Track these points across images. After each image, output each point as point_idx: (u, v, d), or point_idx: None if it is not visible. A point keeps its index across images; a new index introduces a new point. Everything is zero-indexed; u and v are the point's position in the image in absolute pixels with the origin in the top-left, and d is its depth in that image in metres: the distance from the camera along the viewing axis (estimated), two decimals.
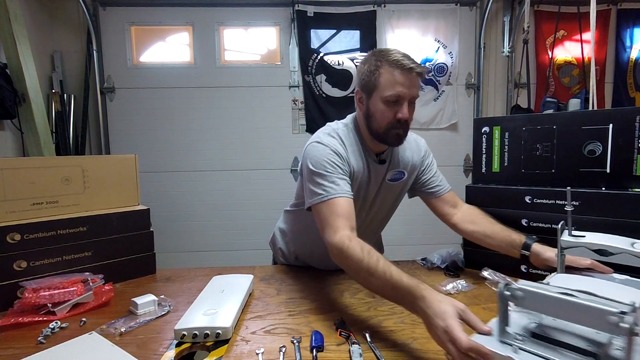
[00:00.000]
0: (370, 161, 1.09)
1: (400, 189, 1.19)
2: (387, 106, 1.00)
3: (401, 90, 0.97)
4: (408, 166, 1.17)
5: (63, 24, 2.99)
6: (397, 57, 0.98)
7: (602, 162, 1.08)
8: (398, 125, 1.00)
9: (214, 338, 0.79)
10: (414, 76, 0.98)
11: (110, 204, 1.26)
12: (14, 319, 0.89)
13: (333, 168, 0.99)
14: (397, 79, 0.97)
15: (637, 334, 0.48)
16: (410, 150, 1.19)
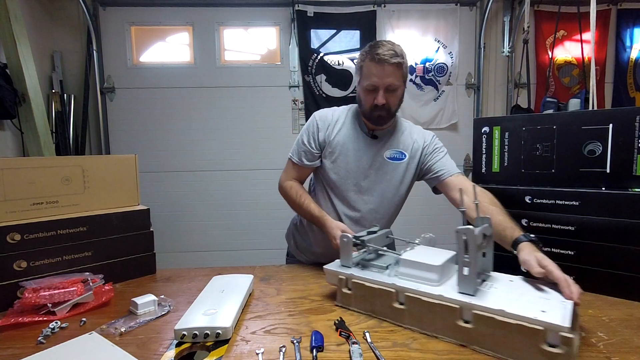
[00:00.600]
0: (361, 134, 1.27)
1: (403, 170, 1.27)
2: (367, 93, 1.18)
3: (375, 80, 1.14)
4: (409, 149, 1.27)
5: (63, 24, 2.99)
6: (376, 50, 1.13)
7: (602, 162, 1.08)
8: (377, 109, 1.17)
9: (213, 338, 0.79)
10: (388, 67, 1.12)
11: (110, 204, 1.26)
12: (14, 319, 0.89)
13: (306, 139, 1.28)
14: (372, 71, 1.14)
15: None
16: (412, 135, 1.29)
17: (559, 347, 0.66)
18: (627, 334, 0.82)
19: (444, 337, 0.79)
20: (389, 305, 0.86)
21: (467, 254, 0.77)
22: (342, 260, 1.00)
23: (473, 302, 0.75)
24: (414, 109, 3.18)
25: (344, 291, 0.96)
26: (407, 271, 0.88)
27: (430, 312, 0.80)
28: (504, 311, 0.71)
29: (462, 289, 0.80)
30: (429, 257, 0.88)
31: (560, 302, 0.75)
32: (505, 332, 0.70)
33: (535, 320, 0.68)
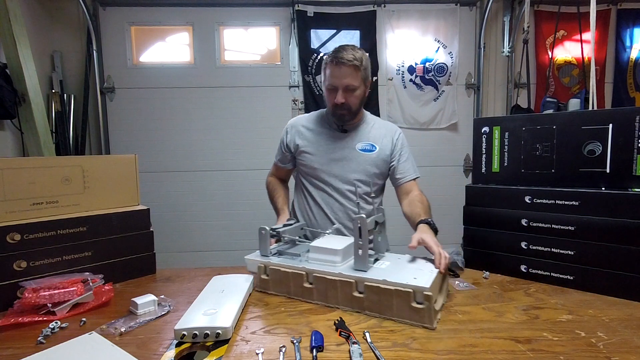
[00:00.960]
0: (330, 130, 1.41)
1: (374, 160, 1.37)
2: (329, 93, 1.31)
3: (334, 80, 1.27)
4: (378, 142, 1.39)
5: (63, 24, 2.99)
6: (337, 54, 1.25)
7: (602, 162, 1.08)
8: (338, 107, 1.29)
9: (213, 338, 0.79)
10: (346, 69, 1.24)
11: (110, 204, 1.26)
12: (14, 319, 0.89)
13: (279, 144, 1.48)
14: (331, 72, 1.27)
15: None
16: (381, 130, 1.42)
17: (422, 303, 0.86)
18: (627, 334, 0.82)
19: (344, 307, 0.97)
20: (301, 286, 1.02)
21: (361, 238, 0.96)
22: (261, 251, 1.12)
23: (365, 276, 0.94)
24: (414, 109, 3.18)
25: (262, 277, 1.07)
26: (316, 256, 1.04)
27: (333, 288, 0.97)
28: (386, 280, 0.91)
29: (357, 266, 0.98)
30: (334, 244, 1.05)
31: (429, 272, 0.95)
32: (387, 296, 0.90)
33: (406, 285, 0.88)
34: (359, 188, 1.36)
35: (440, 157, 3.23)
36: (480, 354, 0.75)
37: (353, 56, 1.23)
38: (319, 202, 1.39)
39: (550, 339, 0.80)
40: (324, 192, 1.39)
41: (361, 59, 1.25)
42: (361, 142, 1.38)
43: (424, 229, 1.14)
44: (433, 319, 0.86)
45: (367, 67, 1.31)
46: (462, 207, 1.30)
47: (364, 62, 1.27)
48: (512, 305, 0.98)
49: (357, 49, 1.28)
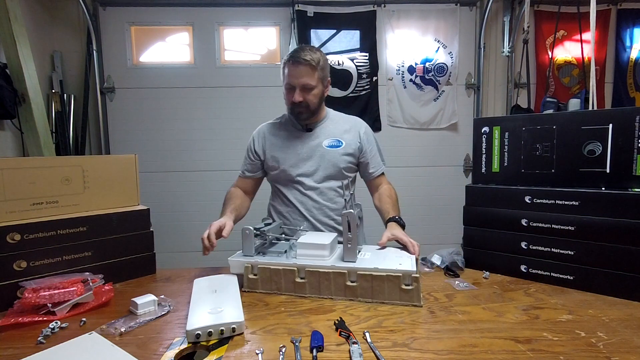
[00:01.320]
0: (295, 130, 1.43)
1: (342, 156, 1.40)
2: (287, 92, 1.34)
3: (291, 79, 1.29)
4: (344, 137, 1.42)
5: (63, 24, 2.99)
6: (294, 53, 1.29)
7: (602, 162, 1.08)
8: (296, 106, 1.32)
9: (230, 333, 0.81)
10: (303, 68, 1.27)
11: (110, 204, 1.26)
12: (14, 319, 0.89)
13: (246, 155, 1.49)
14: (289, 71, 1.30)
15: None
16: (345, 125, 1.45)
17: (410, 285, 0.98)
18: (627, 334, 0.82)
19: (337, 297, 1.03)
20: (292, 281, 1.05)
21: (350, 232, 1.04)
22: (245, 251, 1.14)
23: (356, 266, 1.03)
24: (414, 109, 3.18)
25: (250, 277, 1.08)
26: (304, 252, 1.08)
27: (326, 280, 1.03)
28: (377, 268, 1.01)
29: (347, 258, 1.06)
30: (319, 239, 1.11)
31: (408, 258, 1.09)
32: (379, 282, 1.00)
33: (396, 270, 0.99)
34: (344, 182, 1.35)
35: (440, 157, 3.23)
36: (480, 354, 0.75)
37: (310, 56, 1.27)
38: (292, 202, 1.41)
39: (550, 339, 0.80)
40: (297, 191, 1.41)
41: (318, 60, 1.29)
42: (328, 139, 1.41)
43: (392, 225, 1.28)
44: (420, 297, 0.99)
45: (325, 67, 1.35)
46: (462, 207, 1.30)
47: (321, 62, 1.31)
48: (512, 305, 0.98)
49: (315, 50, 1.32)
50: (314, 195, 1.40)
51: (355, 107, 3.13)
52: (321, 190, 1.40)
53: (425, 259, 1.33)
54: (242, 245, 1.13)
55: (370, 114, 3.16)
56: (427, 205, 3.20)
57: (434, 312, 0.94)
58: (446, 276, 1.22)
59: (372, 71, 3.13)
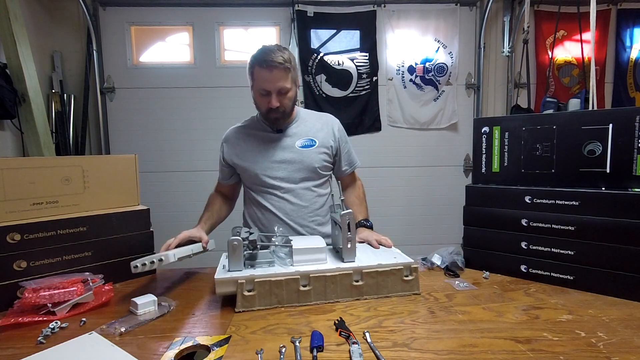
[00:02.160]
0: (264, 133, 1.37)
1: (317, 155, 1.36)
2: (261, 97, 1.26)
3: (267, 85, 1.23)
4: (317, 135, 1.38)
5: (63, 24, 2.99)
6: (265, 57, 1.22)
7: (602, 162, 1.08)
8: (272, 111, 1.26)
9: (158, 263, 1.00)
10: (278, 72, 1.21)
11: (110, 204, 1.26)
12: (14, 319, 0.89)
13: (219, 159, 1.43)
14: (262, 76, 1.22)
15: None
16: (317, 123, 1.41)
17: (410, 275, 1.05)
18: (627, 334, 0.82)
19: (343, 298, 1.02)
20: (295, 291, 1.00)
21: (350, 232, 1.04)
22: (233, 266, 1.01)
23: (361, 264, 1.04)
24: (414, 109, 3.18)
25: (245, 294, 0.97)
26: (301, 257, 1.04)
27: (332, 283, 1.01)
28: (381, 264, 1.04)
29: (347, 258, 1.06)
30: (312, 243, 1.09)
31: (393, 250, 1.17)
32: (384, 277, 1.03)
33: (397, 264, 1.04)
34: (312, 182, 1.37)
35: (440, 157, 3.23)
36: (480, 354, 0.75)
37: (282, 58, 1.21)
38: (268, 208, 1.35)
39: (550, 339, 0.80)
40: (272, 195, 1.35)
41: (289, 59, 1.24)
42: (300, 139, 1.36)
43: (360, 230, 1.34)
44: (419, 286, 1.06)
45: (296, 66, 1.30)
46: (462, 207, 1.30)
47: (293, 61, 1.27)
48: (512, 305, 0.98)
49: (284, 49, 1.26)
50: (291, 198, 1.34)
51: (355, 107, 3.14)
52: (297, 192, 1.34)
53: (426, 259, 1.33)
54: (229, 260, 1.01)
55: (370, 114, 3.16)
56: (427, 205, 3.20)
57: (434, 312, 0.94)
58: (446, 276, 1.22)
59: (372, 71, 3.13)
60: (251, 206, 1.43)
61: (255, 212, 1.40)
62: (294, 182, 1.35)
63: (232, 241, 1.00)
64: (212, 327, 0.88)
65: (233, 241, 1.00)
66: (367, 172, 3.20)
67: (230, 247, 1.00)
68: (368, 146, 3.16)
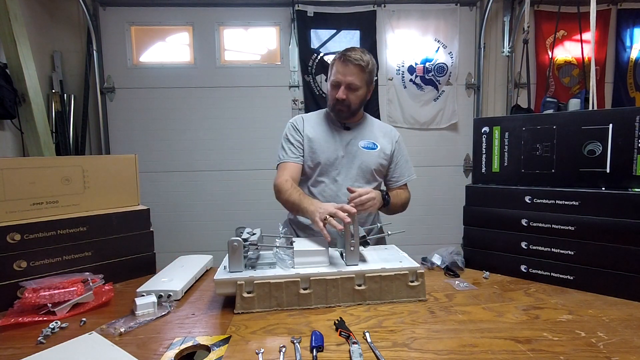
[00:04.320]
0: (334, 127, 1.44)
1: (376, 158, 1.41)
2: (332, 89, 1.35)
3: (339, 77, 1.31)
4: (379, 141, 1.44)
5: (63, 24, 2.99)
6: (346, 52, 1.31)
7: (602, 162, 1.08)
8: (338, 103, 1.33)
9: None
10: (352, 67, 1.29)
11: (110, 204, 1.26)
12: (14, 319, 0.89)
13: (287, 140, 1.42)
14: (337, 69, 1.32)
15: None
16: (381, 130, 1.48)
17: (416, 281, 1.01)
18: (627, 334, 0.82)
19: (345, 303, 0.99)
20: (296, 294, 0.98)
21: (353, 235, 1.03)
22: (233, 267, 1.00)
23: (364, 268, 1.02)
24: (414, 109, 3.18)
25: (244, 296, 0.96)
26: (302, 260, 1.03)
27: (334, 287, 0.99)
28: (384, 268, 1.01)
29: (350, 262, 1.04)
30: (313, 245, 1.08)
31: (401, 253, 1.15)
32: (387, 282, 1.00)
33: (402, 268, 1.01)
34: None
35: (440, 157, 3.22)
36: (480, 354, 0.75)
37: (360, 57, 1.29)
38: (317, 197, 1.38)
39: (550, 339, 0.80)
40: (326, 186, 1.39)
41: (368, 62, 1.31)
42: (364, 140, 1.42)
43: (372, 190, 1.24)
44: (425, 292, 1.02)
45: (373, 71, 1.36)
46: (462, 207, 1.30)
47: (370, 65, 1.33)
48: (512, 305, 0.98)
49: (367, 53, 1.33)
50: (341, 194, 1.37)
51: None
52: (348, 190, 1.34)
53: (426, 259, 1.33)
54: (229, 261, 1.00)
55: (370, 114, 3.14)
56: (427, 205, 3.20)
57: (434, 312, 0.94)
58: (446, 276, 1.22)
59: None
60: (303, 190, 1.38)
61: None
62: (349, 179, 1.39)
63: (232, 242, 0.99)
64: (212, 327, 0.88)
65: (233, 242, 0.99)
66: None
67: (230, 248, 0.99)
68: None
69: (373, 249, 1.19)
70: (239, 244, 0.99)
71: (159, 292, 1.03)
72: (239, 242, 1.00)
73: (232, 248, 0.99)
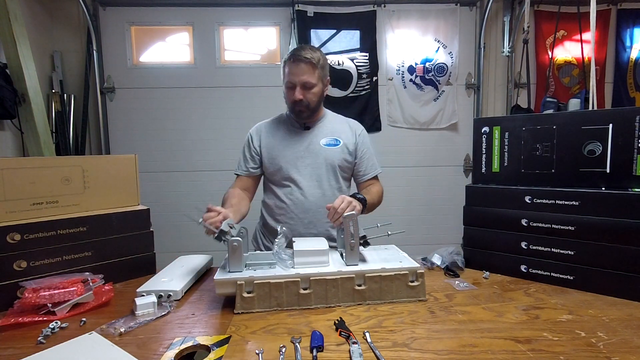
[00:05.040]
0: (293, 128, 1.43)
1: (339, 155, 1.40)
2: (288, 90, 1.34)
3: (292, 77, 1.30)
4: (342, 136, 1.42)
5: (63, 24, 2.99)
6: (294, 52, 1.30)
7: (602, 162, 1.08)
8: (296, 104, 1.32)
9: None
10: (303, 66, 1.28)
11: (110, 204, 1.26)
12: (14, 319, 0.89)
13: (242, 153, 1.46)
14: (289, 70, 1.31)
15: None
16: (343, 125, 1.46)
17: (416, 281, 1.01)
18: (627, 334, 0.82)
19: (345, 303, 0.99)
20: (296, 294, 0.98)
21: (352, 234, 1.03)
22: (233, 267, 1.01)
23: (364, 268, 1.02)
24: (414, 109, 3.18)
25: (244, 296, 0.96)
26: (302, 260, 1.03)
27: (334, 287, 0.99)
28: (385, 268, 1.01)
29: (349, 262, 1.04)
30: (314, 245, 1.08)
31: (400, 254, 1.14)
32: (387, 282, 1.00)
33: (402, 268, 1.01)
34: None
35: (440, 157, 3.22)
36: (480, 354, 0.75)
37: (311, 55, 1.28)
38: (286, 202, 1.38)
39: (550, 339, 0.80)
40: (292, 189, 1.38)
41: (319, 58, 1.30)
42: (326, 137, 1.40)
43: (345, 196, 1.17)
44: (425, 292, 1.02)
45: (325, 66, 1.36)
46: (462, 207, 1.30)
47: (321, 61, 1.32)
48: (512, 305, 0.98)
49: (316, 49, 1.33)
50: (309, 195, 1.37)
51: (355, 107, 3.13)
52: (315, 191, 1.37)
53: (426, 259, 1.33)
54: (229, 261, 1.01)
55: (370, 114, 3.16)
56: (427, 205, 3.20)
57: (434, 312, 0.94)
58: (446, 276, 1.22)
59: (372, 71, 3.13)
60: (271, 197, 1.45)
61: (274, 204, 1.42)
62: (313, 179, 1.38)
63: (232, 242, 1.00)
64: (212, 327, 0.88)
65: (233, 242, 1.00)
66: None
67: (230, 248, 0.99)
68: None
69: (373, 249, 1.19)
70: (238, 243, 1.00)
71: (159, 292, 1.03)
72: (239, 242, 1.00)
73: (232, 248, 1.00)
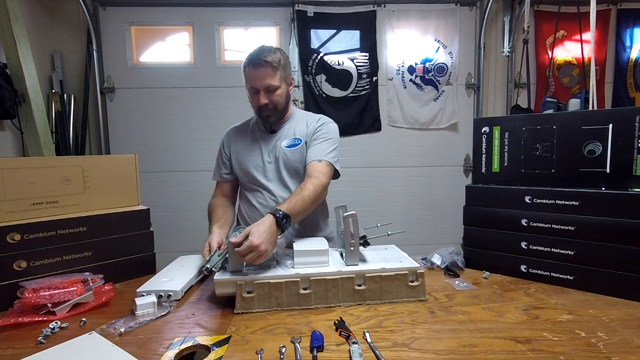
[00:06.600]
0: (259, 132, 1.40)
1: (300, 155, 1.34)
2: (252, 96, 1.29)
3: (254, 82, 1.25)
4: (302, 133, 1.37)
5: (63, 24, 2.99)
6: (250, 57, 1.26)
7: (602, 162, 1.08)
8: (262, 109, 1.28)
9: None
10: (263, 69, 1.23)
11: (110, 204, 1.26)
12: (14, 319, 0.89)
13: (217, 158, 1.45)
14: (251, 75, 1.25)
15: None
16: (305, 121, 1.39)
17: (416, 281, 1.01)
18: (627, 334, 0.82)
19: (345, 303, 0.99)
20: (296, 294, 0.98)
21: (353, 234, 1.02)
22: (233, 267, 1.01)
23: (364, 268, 1.01)
24: (414, 109, 3.18)
25: (244, 296, 0.96)
26: (302, 260, 1.03)
27: (334, 287, 0.99)
28: (384, 268, 1.01)
29: (349, 262, 1.04)
30: (314, 245, 1.07)
31: (400, 254, 1.14)
32: (387, 282, 1.00)
33: (402, 268, 1.01)
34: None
35: (440, 157, 3.23)
36: (480, 354, 0.75)
37: (270, 57, 1.23)
38: (256, 206, 1.36)
39: (550, 339, 0.80)
40: (261, 194, 1.35)
41: (279, 59, 1.25)
42: (287, 139, 1.36)
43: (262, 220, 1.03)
44: (425, 292, 1.02)
45: (287, 66, 1.30)
46: (462, 207, 1.30)
47: (282, 61, 1.27)
48: (512, 305, 0.98)
49: (275, 50, 1.27)
50: (277, 198, 1.32)
51: (355, 107, 3.14)
52: (283, 193, 1.32)
53: (426, 259, 1.33)
54: (229, 261, 1.01)
55: (370, 114, 3.16)
56: (427, 205, 3.20)
57: (434, 312, 0.94)
58: (446, 276, 1.22)
59: (372, 71, 3.13)
60: (244, 202, 1.44)
61: (246, 208, 1.41)
62: (280, 183, 1.35)
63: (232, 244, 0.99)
64: (212, 327, 0.88)
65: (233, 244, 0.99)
66: (367, 172, 3.20)
67: (230, 248, 0.99)
68: (368, 146, 3.16)
69: (373, 249, 1.18)
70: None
71: (159, 292, 1.03)
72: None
73: (231, 249, 0.99)
